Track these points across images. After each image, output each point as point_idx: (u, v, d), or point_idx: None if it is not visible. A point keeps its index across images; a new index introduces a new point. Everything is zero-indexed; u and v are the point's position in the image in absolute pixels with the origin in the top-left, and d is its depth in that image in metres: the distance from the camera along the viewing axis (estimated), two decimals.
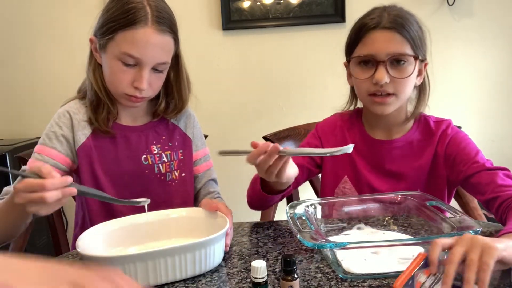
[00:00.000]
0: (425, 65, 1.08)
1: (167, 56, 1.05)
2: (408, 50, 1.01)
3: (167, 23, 1.02)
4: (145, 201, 0.90)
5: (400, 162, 1.11)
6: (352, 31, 1.07)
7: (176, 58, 1.11)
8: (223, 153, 0.92)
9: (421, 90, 1.10)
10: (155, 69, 1.04)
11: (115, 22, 1.00)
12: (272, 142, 1.37)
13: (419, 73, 1.07)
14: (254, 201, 1.11)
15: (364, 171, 1.12)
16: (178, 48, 1.10)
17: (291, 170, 0.92)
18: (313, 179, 1.39)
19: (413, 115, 1.11)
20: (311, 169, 1.18)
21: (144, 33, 0.99)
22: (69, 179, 0.78)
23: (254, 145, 0.87)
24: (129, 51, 0.99)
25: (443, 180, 1.09)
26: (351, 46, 1.07)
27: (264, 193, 1.02)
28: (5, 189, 1.02)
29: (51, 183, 0.75)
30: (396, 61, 1.01)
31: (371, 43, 1.02)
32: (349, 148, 0.81)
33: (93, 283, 0.45)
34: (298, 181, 1.14)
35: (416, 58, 1.01)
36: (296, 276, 0.69)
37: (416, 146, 1.10)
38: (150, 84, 1.04)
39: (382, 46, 1.00)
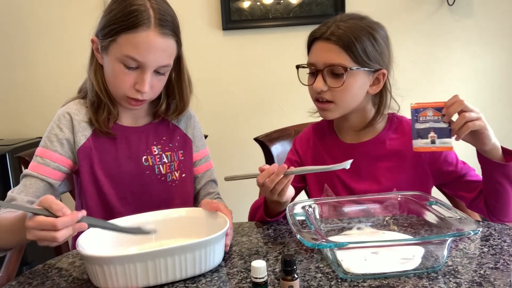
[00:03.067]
0: (383, 75, 1.08)
1: (169, 59, 1.04)
2: (346, 61, 1.02)
3: (169, 26, 1.01)
4: (153, 231, 0.88)
5: (374, 162, 1.12)
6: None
7: (178, 60, 1.10)
8: (229, 178, 0.98)
9: (381, 96, 1.11)
10: (157, 72, 1.03)
11: (118, 24, 0.99)
12: (265, 144, 1.40)
13: (375, 83, 1.08)
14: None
15: (342, 176, 1.14)
16: (180, 50, 1.09)
17: (290, 191, 0.99)
18: None
19: (375, 119, 1.12)
20: (298, 187, 1.22)
21: (147, 36, 0.98)
22: (80, 214, 0.78)
23: (261, 169, 0.95)
24: (131, 54, 0.99)
25: (427, 178, 1.11)
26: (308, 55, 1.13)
27: (267, 218, 1.06)
28: (9, 194, 1.02)
29: (62, 222, 0.75)
30: (332, 71, 1.04)
31: (313, 52, 1.08)
32: (347, 163, 0.92)
33: None
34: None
35: (345, 69, 1.02)
36: (296, 276, 0.69)
37: (390, 146, 1.12)
38: (152, 87, 1.04)
39: (320, 56, 1.06)
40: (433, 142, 0.95)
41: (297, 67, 1.13)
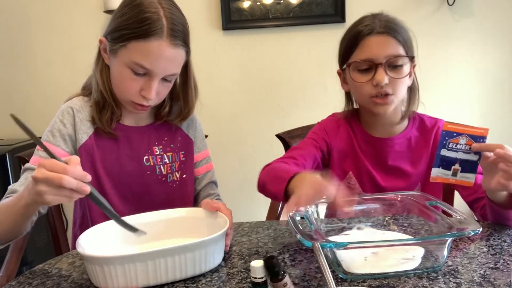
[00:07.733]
0: (413, 66, 1.13)
1: (178, 68, 1.05)
2: (402, 51, 1.07)
3: (181, 36, 1.01)
4: (142, 233, 0.86)
5: (401, 158, 1.16)
6: (345, 40, 1.12)
7: (186, 66, 1.10)
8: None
9: (412, 90, 1.15)
10: (164, 79, 1.03)
11: (129, 30, 0.98)
12: (285, 140, 1.37)
13: (409, 74, 1.12)
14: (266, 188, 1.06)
15: (369, 168, 1.16)
16: (189, 57, 1.09)
17: None
18: None
19: (407, 114, 1.16)
20: (319, 162, 1.18)
21: (159, 46, 0.98)
22: (89, 176, 0.77)
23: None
24: (141, 62, 0.98)
25: None
26: (346, 53, 1.11)
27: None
28: (10, 188, 1.02)
29: (73, 171, 0.74)
30: (392, 63, 1.06)
31: (368, 47, 1.07)
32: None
33: None
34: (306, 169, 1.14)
35: (412, 58, 1.08)
36: (284, 274, 0.68)
37: (414, 143, 1.16)
38: (157, 93, 1.04)
39: (379, 49, 1.06)
40: (454, 174, 0.88)
41: (348, 65, 1.11)
